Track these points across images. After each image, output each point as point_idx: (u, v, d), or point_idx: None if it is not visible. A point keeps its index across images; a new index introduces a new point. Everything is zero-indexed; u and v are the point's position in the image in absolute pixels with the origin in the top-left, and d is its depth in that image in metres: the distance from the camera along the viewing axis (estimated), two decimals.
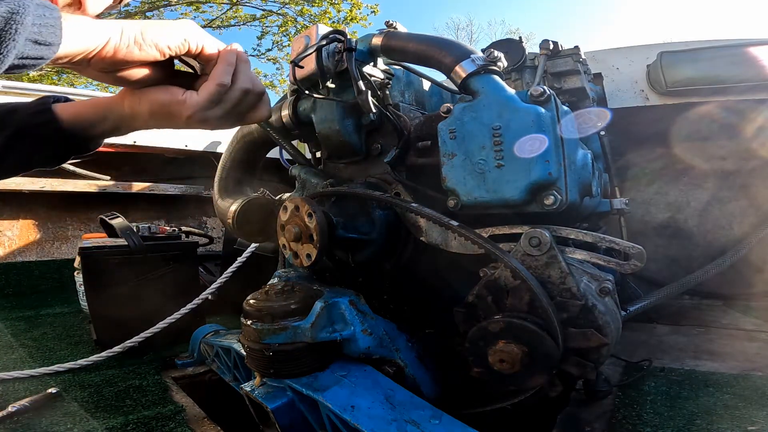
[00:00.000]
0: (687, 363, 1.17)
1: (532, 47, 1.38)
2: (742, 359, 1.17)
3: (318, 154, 1.16)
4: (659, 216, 2.02)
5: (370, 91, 0.88)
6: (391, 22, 0.97)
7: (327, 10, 10.16)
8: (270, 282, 0.95)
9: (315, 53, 0.90)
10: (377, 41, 0.92)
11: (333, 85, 0.95)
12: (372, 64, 0.97)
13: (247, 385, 0.85)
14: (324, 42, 0.90)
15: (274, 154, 1.40)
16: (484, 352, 0.72)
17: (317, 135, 1.02)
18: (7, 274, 2.45)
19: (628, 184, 2.00)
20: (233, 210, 1.20)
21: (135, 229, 1.64)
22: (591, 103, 1.41)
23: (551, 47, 1.34)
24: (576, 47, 1.37)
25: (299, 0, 10.34)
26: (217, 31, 10.54)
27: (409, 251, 0.97)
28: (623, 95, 1.79)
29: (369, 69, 0.95)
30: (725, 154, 1.88)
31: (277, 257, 1.26)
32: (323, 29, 0.94)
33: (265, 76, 11.77)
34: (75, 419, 1.03)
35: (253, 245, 1.75)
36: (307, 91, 0.94)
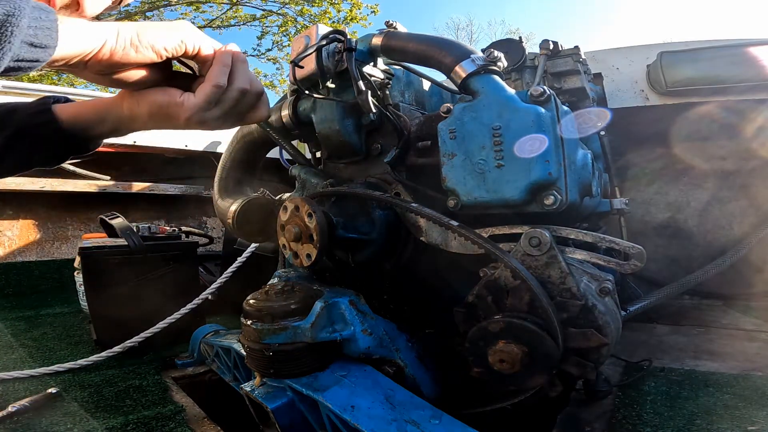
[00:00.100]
0: (687, 363, 1.17)
1: (532, 47, 1.39)
2: (742, 359, 1.17)
3: (318, 154, 1.16)
4: (659, 216, 2.02)
5: (370, 91, 0.88)
6: (391, 22, 0.97)
7: (327, 10, 10.16)
8: (270, 282, 0.95)
9: (315, 53, 0.90)
10: (377, 41, 0.92)
11: (333, 85, 0.95)
12: (372, 64, 0.97)
13: (247, 385, 0.85)
14: (324, 42, 0.90)
15: (274, 154, 1.39)
16: (484, 352, 0.72)
17: (317, 135, 1.02)
18: (7, 274, 2.45)
19: (628, 184, 2.00)
20: (233, 210, 1.20)
21: (135, 229, 1.64)
22: (591, 103, 1.41)
23: (551, 47, 1.34)
24: (576, 47, 1.37)
25: (299, 0, 10.35)
26: (217, 31, 10.56)
27: (409, 251, 0.97)
28: (623, 95, 1.79)
29: (369, 69, 0.95)
30: (725, 154, 1.88)
31: (277, 257, 1.26)
32: (323, 29, 0.94)
33: (265, 76, 11.80)
34: (75, 419, 1.03)
35: (253, 245, 1.75)
36: (307, 91, 0.94)
